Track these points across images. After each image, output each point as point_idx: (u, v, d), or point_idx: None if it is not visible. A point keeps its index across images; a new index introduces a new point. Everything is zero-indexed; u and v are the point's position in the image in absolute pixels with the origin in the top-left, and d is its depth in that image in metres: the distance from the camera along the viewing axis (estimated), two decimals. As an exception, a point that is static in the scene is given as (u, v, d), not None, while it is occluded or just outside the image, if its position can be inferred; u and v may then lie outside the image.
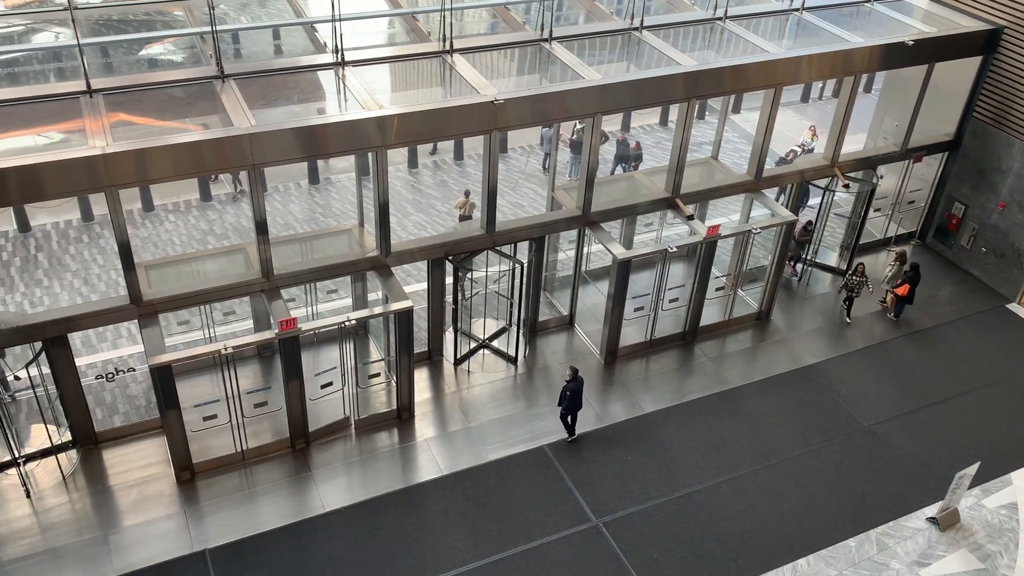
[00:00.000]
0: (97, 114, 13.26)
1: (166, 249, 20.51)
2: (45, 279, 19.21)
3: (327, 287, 17.36)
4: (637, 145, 24.71)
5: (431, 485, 14.56)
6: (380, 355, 16.79)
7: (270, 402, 14.91)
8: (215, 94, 14.24)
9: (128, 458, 14.72)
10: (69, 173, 12.29)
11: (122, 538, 13.28)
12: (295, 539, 13.43)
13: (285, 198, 23.05)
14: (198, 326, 16.01)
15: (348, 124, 13.84)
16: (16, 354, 14.62)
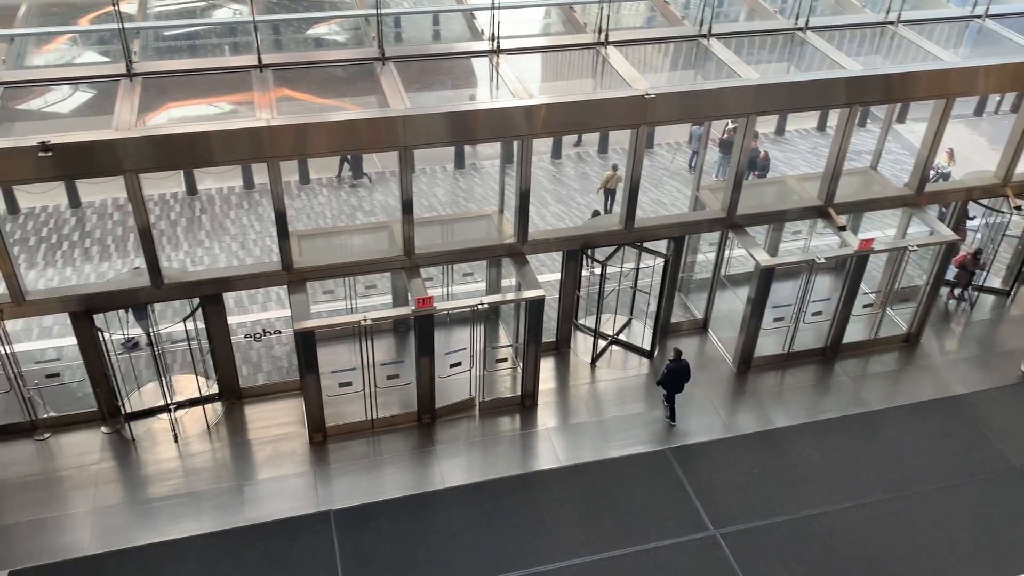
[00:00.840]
0: (265, 88, 14.00)
1: (318, 221, 21.48)
2: (207, 240, 20.52)
3: (463, 270, 17.72)
4: (765, 155, 23.69)
5: (549, 474, 14.63)
6: (509, 341, 16.99)
7: (401, 375, 15.38)
8: (375, 75, 14.74)
9: (267, 415, 15.55)
10: (236, 142, 13.06)
11: (255, 490, 14.06)
12: (414, 510, 13.82)
13: (431, 180, 23.65)
14: (341, 297, 16.70)
15: (497, 111, 14.03)
16: (175, 308, 15.71)
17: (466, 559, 13.09)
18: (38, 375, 15.11)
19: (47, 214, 21.31)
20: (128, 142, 12.52)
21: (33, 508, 13.54)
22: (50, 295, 14.27)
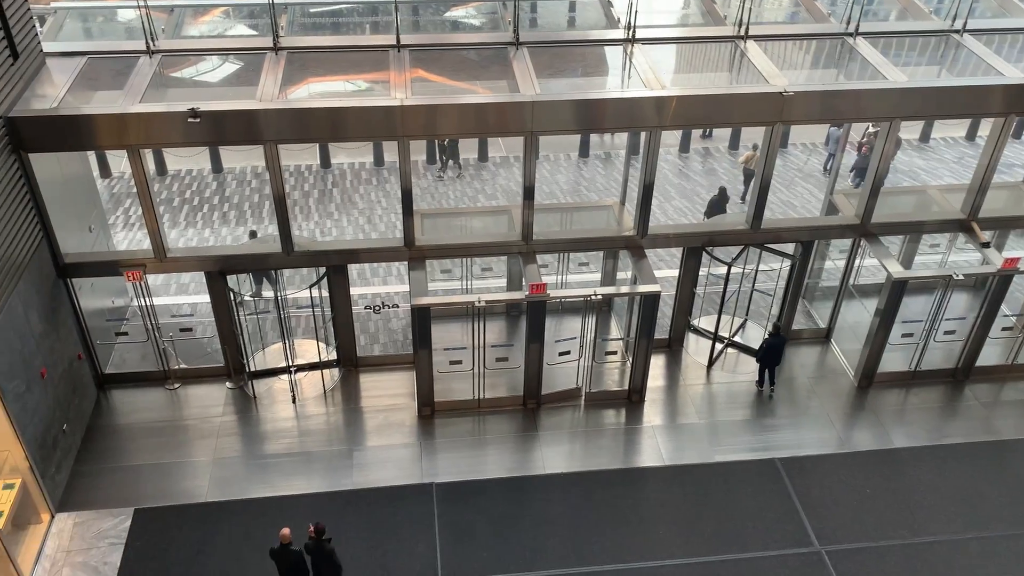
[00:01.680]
0: (401, 68, 14.34)
1: (441, 201, 21.88)
2: (336, 213, 21.25)
3: (580, 259, 17.68)
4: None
5: (651, 472, 14.46)
6: (620, 334, 16.86)
7: (510, 359, 15.51)
8: (507, 60, 14.84)
9: (380, 385, 16.02)
10: (370, 119, 13.43)
11: (364, 456, 14.53)
12: (514, 492, 13.96)
13: (554, 168, 23.67)
14: (458, 277, 16.99)
15: (627, 101, 13.88)
16: (303, 275, 16.36)
17: (561, 546, 13.13)
18: (173, 328, 16.08)
19: (191, 177, 22.56)
20: (270, 113, 13.09)
21: (159, 452, 14.45)
22: (189, 254, 15.14)
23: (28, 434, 12.51)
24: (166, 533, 13.05)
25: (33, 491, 12.85)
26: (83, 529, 13.11)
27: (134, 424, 15.02)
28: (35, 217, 13.28)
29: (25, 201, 12.98)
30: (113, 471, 14.08)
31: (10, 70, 12.72)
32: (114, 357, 16.09)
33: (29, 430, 12.57)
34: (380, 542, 13.07)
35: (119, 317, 16.52)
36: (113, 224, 20.01)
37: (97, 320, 15.43)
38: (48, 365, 13.35)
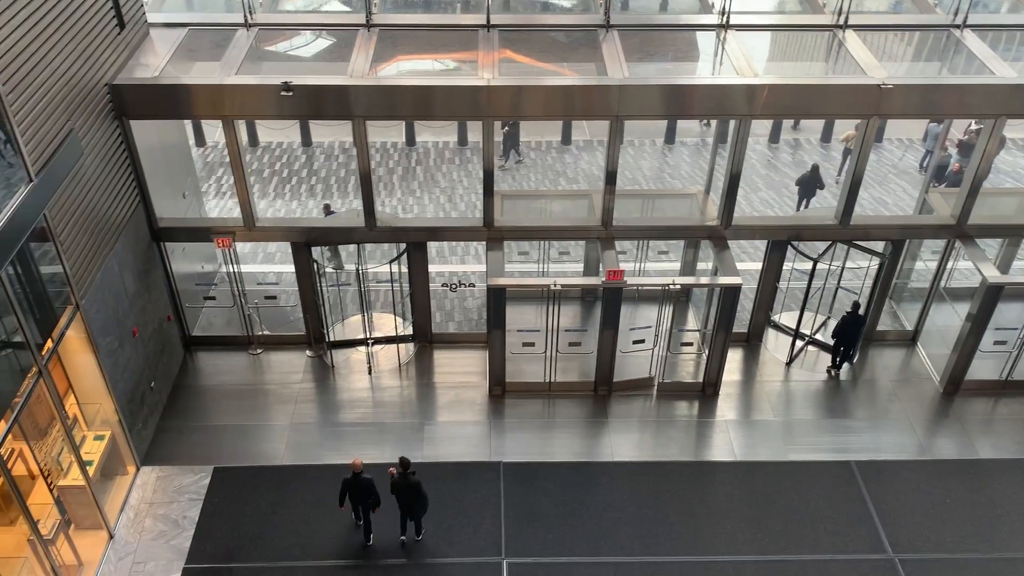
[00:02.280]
0: (489, 48, 14.36)
1: (522, 183, 21.90)
2: (418, 190, 21.50)
3: (659, 247, 17.48)
4: (959, 168, 21.13)
5: (721, 467, 14.27)
6: (697, 326, 16.63)
7: (583, 344, 15.48)
8: (596, 42, 14.71)
9: (453, 362, 16.20)
10: (456, 99, 13.52)
11: (434, 430, 14.75)
12: (580, 477, 13.97)
13: (638, 153, 23.41)
14: (535, 259, 17.01)
15: (716, 88, 13.61)
16: (384, 250, 16.63)
17: (625, 534, 13.10)
18: (258, 295, 16.58)
19: (281, 150, 23.14)
20: (359, 90, 13.30)
21: (240, 414, 14.96)
22: (276, 224, 15.55)
23: (119, 389, 13.12)
24: (242, 492, 13.53)
25: (121, 444, 13.48)
26: (165, 483, 13.70)
27: (217, 386, 15.58)
28: (133, 181, 13.84)
29: (125, 166, 13.55)
30: (195, 430, 14.66)
31: (116, 39, 13.25)
32: (201, 320, 16.70)
33: (120, 385, 13.17)
34: (446, 516, 13.28)
35: (208, 282, 17.12)
36: (206, 192, 20.69)
37: (187, 284, 16.03)
38: (139, 324, 13.95)
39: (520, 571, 12.56)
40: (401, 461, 12.24)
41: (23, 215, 10.24)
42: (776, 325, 16.80)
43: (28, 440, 11.35)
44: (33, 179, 10.51)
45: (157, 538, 12.88)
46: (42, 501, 11.67)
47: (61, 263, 11.47)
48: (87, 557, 12.41)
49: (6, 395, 10.37)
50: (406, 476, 12.20)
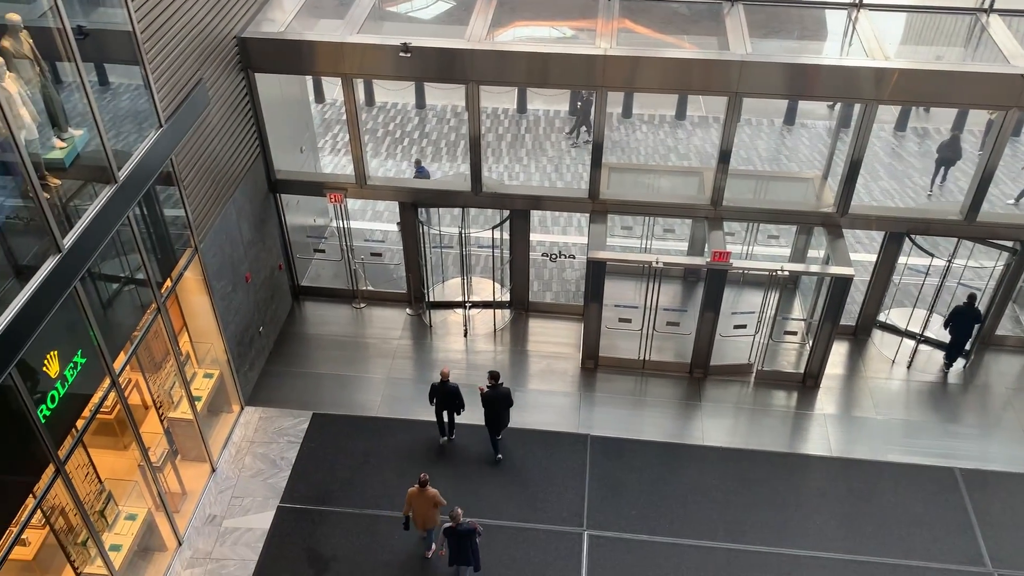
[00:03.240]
0: (610, 17, 14.15)
1: (631, 156, 21.61)
2: (526, 158, 21.51)
3: (769, 231, 16.99)
4: None
5: (816, 461, 13.89)
6: (803, 315, 16.13)
7: (682, 324, 15.26)
8: (720, 16, 14.30)
9: (547, 332, 16.26)
10: (570, 67, 13.40)
11: (525, 397, 14.87)
12: (668, 458, 13.86)
13: (755, 132, 22.71)
14: (638, 235, 16.81)
15: (843, 70, 13.03)
16: (487, 216, 16.75)
17: (710, 519, 12.95)
18: (365, 252, 17.01)
19: (396, 110, 23.51)
20: (475, 54, 13.35)
21: (340, 365, 15.46)
22: (387, 183, 15.86)
23: (229, 331, 13.74)
24: (337, 439, 14.02)
25: (228, 383, 14.15)
26: (266, 424, 14.33)
27: (321, 335, 16.13)
28: (255, 133, 14.35)
29: (248, 117, 14.06)
30: (297, 375, 15.24)
31: (247, -6, 13.70)
32: (310, 271, 17.28)
33: (230, 328, 13.80)
34: (531, 481, 13.42)
35: (318, 235, 17.67)
36: (321, 148, 21.26)
37: (299, 235, 16.59)
38: (252, 271, 14.54)
39: (600, 543, 12.61)
40: (491, 374, 13.21)
41: (152, 158, 10.79)
42: (885, 325, 16.11)
43: (144, 372, 12.05)
44: (163, 124, 11.03)
45: (255, 475, 13.52)
46: (153, 431, 12.39)
47: (184, 207, 12.04)
48: (190, 487, 13.14)
49: (127, 328, 11.03)
50: (496, 387, 13.13)
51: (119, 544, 11.11)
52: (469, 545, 11.42)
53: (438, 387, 13.41)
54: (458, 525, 11.26)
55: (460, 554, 11.53)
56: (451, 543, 11.48)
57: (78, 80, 9.53)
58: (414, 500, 11.83)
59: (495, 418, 13.34)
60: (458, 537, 11.35)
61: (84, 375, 9.79)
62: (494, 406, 13.21)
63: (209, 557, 12.39)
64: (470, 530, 11.33)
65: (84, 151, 9.89)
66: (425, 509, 11.89)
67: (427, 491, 11.76)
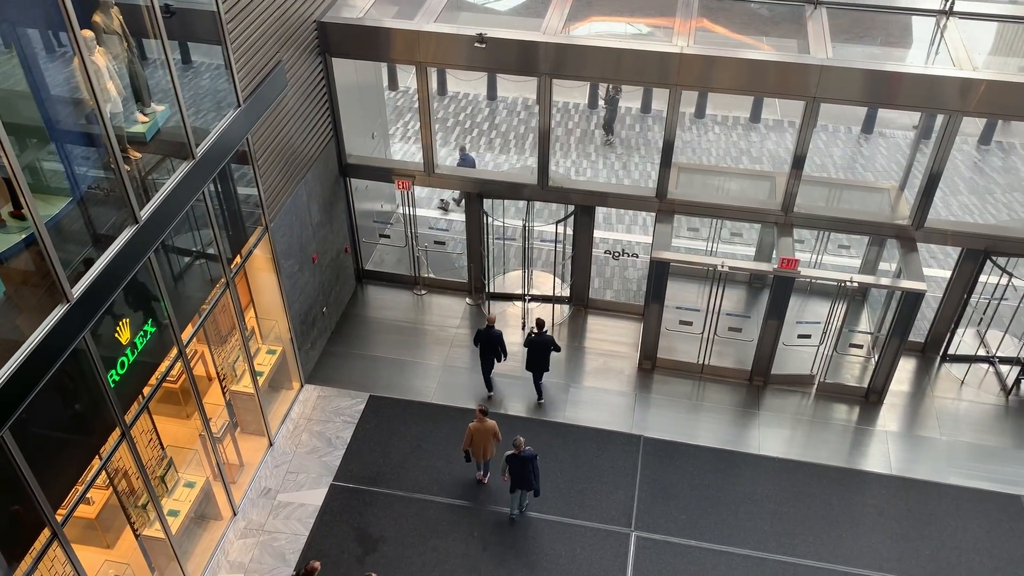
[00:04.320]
0: (688, 16, 13.97)
1: (702, 157, 21.33)
2: (594, 154, 21.40)
3: (840, 240, 16.59)
4: None
5: (874, 478, 13.54)
6: (870, 328, 15.72)
7: (744, 331, 15.02)
8: (802, 19, 14.00)
9: (605, 330, 16.17)
10: (645, 64, 13.28)
11: (579, 394, 14.84)
12: (721, 464, 13.67)
13: (831, 139, 22.19)
14: (704, 237, 16.59)
15: (927, 79, 12.63)
16: (552, 210, 16.72)
17: (761, 529, 12.74)
18: (428, 239, 17.17)
19: (467, 101, 23.63)
20: (549, 47, 13.33)
21: (398, 349, 15.65)
22: (454, 172, 15.95)
23: (294, 309, 14.02)
24: (392, 422, 14.20)
25: (289, 360, 14.44)
26: (324, 403, 14.59)
27: (381, 319, 16.35)
28: (329, 117, 14.59)
29: (324, 101, 14.29)
30: (357, 357, 15.48)
31: (329, -20, 13.91)
32: (374, 256, 17.51)
33: (295, 306, 14.08)
34: (581, 478, 13.39)
35: (384, 221, 17.89)
36: (392, 135, 21.50)
37: (365, 220, 16.82)
38: (319, 252, 14.80)
39: (647, 545, 12.52)
40: (537, 321, 13.97)
41: (229, 137, 11.06)
42: (956, 343, 15.59)
43: (210, 345, 12.38)
44: (241, 104, 11.30)
45: (311, 452, 13.79)
46: (215, 402, 12.74)
47: (257, 186, 12.32)
48: (248, 459, 13.47)
49: (196, 301, 11.35)
50: (541, 334, 13.84)
51: (177, 510, 11.45)
52: (531, 469, 12.21)
53: (483, 333, 14.15)
54: (521, 451, 12.06)
55: (523, 479, 12.28)
56: (514, 469, 12.22)
57: (162, 57, 9.82)
58: (474, 432, 12.60)
59: (538, 362, 14.19)
60: (521, 462, 12.13)
61: (153, 344, 10.11)
62: (538, 351, 14.04)
63: (262, 529, 12.69)
64: (532, 455, 12.16)
65: (164, 127, 10.20)
66: (484, 440, 12.69)
67: (486, 422, 12.59)
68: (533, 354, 14.14)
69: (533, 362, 14.26)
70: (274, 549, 12.43)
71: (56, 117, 9.36)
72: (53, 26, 9.34)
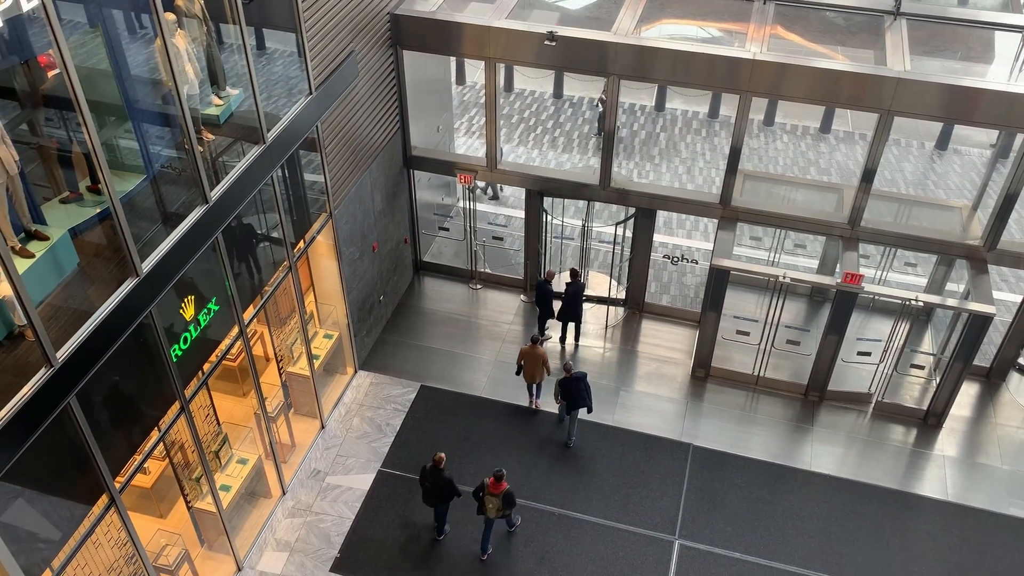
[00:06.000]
0: (763, 22, 13.76)
1: (768, 165, 21.00)
2: (657, 157, 21.24)
3: (907, 258, 16.18)
4: None
5: (928, 503, 13.19)
6: (933, 349, 15.30)
7: (802, 344, 14.76)
8: (879, 29, 13.68)
9: (659, 335, 16.04)
10: (716, 69, 13.12)
11: (629, 398, 14.76)
12: (771, 478, 13.47)
13: (902, 154, 21.64)
14: (766, 247, 16.33)
15: (1008, 96, 12.22)
16: (611, 211, 16.65)
17: (808, 546, 12.52)
18: (487, 235, 17.25)
19: (533, 98, 23.65)
20: (619, 47, 13.26)
21: (451, 341, 15.76)
22: (516, 169, 16.00)
23: (352, 296, 14.23)
24: (441, 414, 14.31)
25: (345, 346, 14.67)
26: (376, 390, 14.78)
27: (436, 311, 16.48)
28: (397, 108, 14.75)
29: (392, 92, 14.46)
30: (410, 347, 15.64)
31: (404, -28, 14.05)
32: (432, 248, 17.66)
33: (353, 293, 14.28)
34: (627, 483, 13.33)
35: (444, 214, 18.02)
36: (457, 129, 21.63)
37: (426, 212, 16.96)
38: (380, 241, 14.99)
39: (691, 555, 12.41)
40: (572, 271, 14.78)
41: (299, 124, 11.26)
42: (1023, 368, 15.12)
43: (270, 326, 12.64)
44: (312, 92, 11.50)
45: (361, 437, 13.98)
46: (271, 382, 13.01)
47: (324, 173, 12.53)
48: (300, 440, 13.73)
49: (259, 282, 11.60)
50: (575, 283, 14.64)
51: (229, 485, 11.73)
52: (584, 388, 13.25)
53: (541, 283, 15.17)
54: (572, 374, 13.17)
55: (576, 398, 13.29)
56: (566, 392, 13.29)
57: (238, 42, 10.04)
58: (526, 355, 13.78)
59: (571, 311, 15.09)
60: (574, 382, 13.18)
61: (216, 322, 10.36)
62: (570, 301, 14.88)
63: (309, 510, 12.92)
64: (582, 375, 13.25)
65: (237, 110, 10.44)
66: (534, 365, 13.84)
67: (537, 349, 13.73)
68: (568, 303, 14.95)
69: (566, 311, 15.12)
70: (320, 530, 12.64)
71: (135, 96, 9.66)
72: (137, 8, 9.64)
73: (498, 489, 11.69)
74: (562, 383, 13.35)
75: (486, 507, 11.89)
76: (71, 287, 8.39)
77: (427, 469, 12.03)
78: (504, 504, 11.77)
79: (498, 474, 11.68)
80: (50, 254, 8.25)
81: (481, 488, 11.85)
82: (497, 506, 11.79)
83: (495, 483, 11.69)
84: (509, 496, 11.74)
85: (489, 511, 11.90)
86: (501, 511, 11.88)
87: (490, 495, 11.75)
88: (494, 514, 11.93)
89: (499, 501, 11.74)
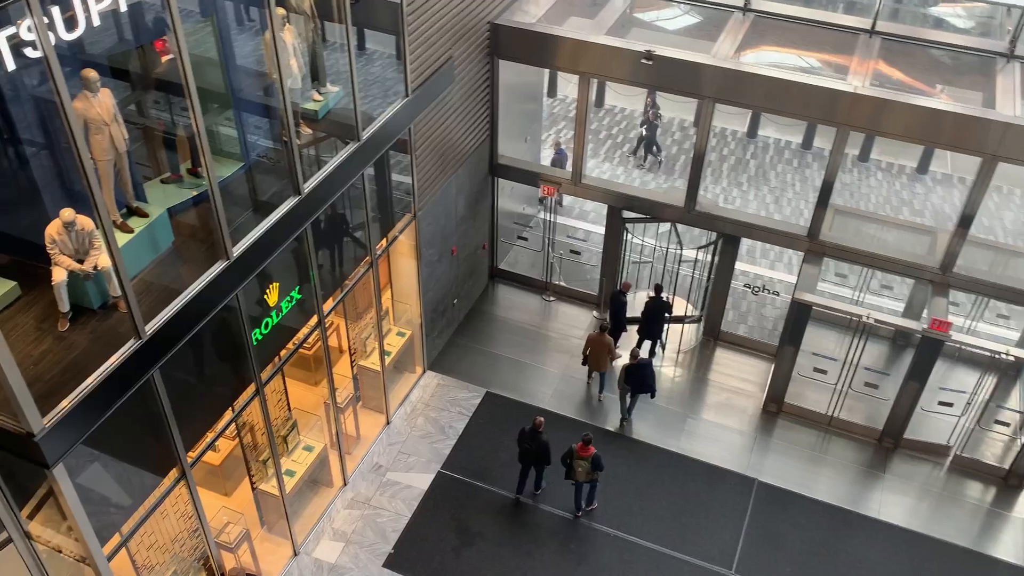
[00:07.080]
0: (867, 56, 13.44)
1: (860, 201, 20.44)
2: (745, 184, 20.89)
3: (1000, 309, 15.53)
4: None
5: (1003, 567, 12.59)
6: (1020, 407, 14.62)
7: (881, 388, 14.29)
8: (990, 71, 13.20)
9: (733, 365, 15.74)
10: (814, 99, 12.85)
11: (696, 425, 14.52)
12: (836, 522, 13.06)
13: (1004, 201, 20.79)
14: (851, 285, 15.89)
15: None
16: (694, 235, 16.46)
17: (869, 598, 12.11)
18: (564, 247, 17.24)
19: (623, 115, 23.57)
20: (716, 71, 13.13)
21: (519, 350, 15.78)
22: (600, 184, 15.96)
23: (427, 297, 14.40)
24: (504, 421, 14.33)
25: (416, 345, 14.84)
26: (443, 391, 14.90)
27: (508, 319, 16.54)
28: (488, 116, 14.90)
29: (485, 100, 14.61)
30: (479, 352, 15.72)
31: (508, -17, 14.21)
32: (509, 256, 17.73)
33: (429, 294, 14.45)
34: (686, 512, 13.11)
35: (524, 223, 18.09)
36: (544, 140, 21.71)
37: (506, 220, 17.06)
38: (459, 246, 15.14)
39: (745, 592, 12.13)
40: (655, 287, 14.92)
41: (393, 125, 11.48)
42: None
43: (346, 319, 12.88)
44: (408, 95, 11.70)
45: (424, 437, 14.12)
46: (343, 374, 13.24)
47: (412, 175, 12.73)
48: (365, 433, 13.93)
49: (340, 276, 11.84)
50: (658, 299, 14.78)
51: (293, 470, 11.98)
52: (649, 374, 13.67)
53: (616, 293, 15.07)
54: (637, 361, 13.57)
55: (642, 384, 13.73)
56: (631, 378, 13.64)
57: (341, 41, 10.29)
58: (592, 342, 14.18)
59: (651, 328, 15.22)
60: (640, 368, 13.57)
61: (296, 310, 10.62)
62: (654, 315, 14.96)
63: (368, 503, 13.10)
64: (647, 362, 13.75)
65: (335, 107, 10.70)
66: (599, 352, 14.18)
67: (604, 337, 14.12)
68: (648, 316, 14.95)
69: (645, 328, 15.13)
70: (376, 525, 12.80)
71: (239, 86, 10.00)
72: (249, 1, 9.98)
73: (587, 452, 12.15)
74: (628, 368, 13.65)
75: (575, 471, 12.38)
76: (164, 264, 8.73)
77: (526, 431, 12.60)
78: (592, 467, 12.24)
79: (586, 438, 12.17)
80: (148, 231, 8.60)
81: (569, 454, 12.34)
82: (586, 469, 12.28)
83: (583, 447, 12.15)
84: (597, 459, 12.24)
85: (579, 475, 12.41)
86: (589, 474, 12.33)
87: (579, 459, 12.23)
88: (583, 478, 12.45)
89: (588, 464, 12.22)
